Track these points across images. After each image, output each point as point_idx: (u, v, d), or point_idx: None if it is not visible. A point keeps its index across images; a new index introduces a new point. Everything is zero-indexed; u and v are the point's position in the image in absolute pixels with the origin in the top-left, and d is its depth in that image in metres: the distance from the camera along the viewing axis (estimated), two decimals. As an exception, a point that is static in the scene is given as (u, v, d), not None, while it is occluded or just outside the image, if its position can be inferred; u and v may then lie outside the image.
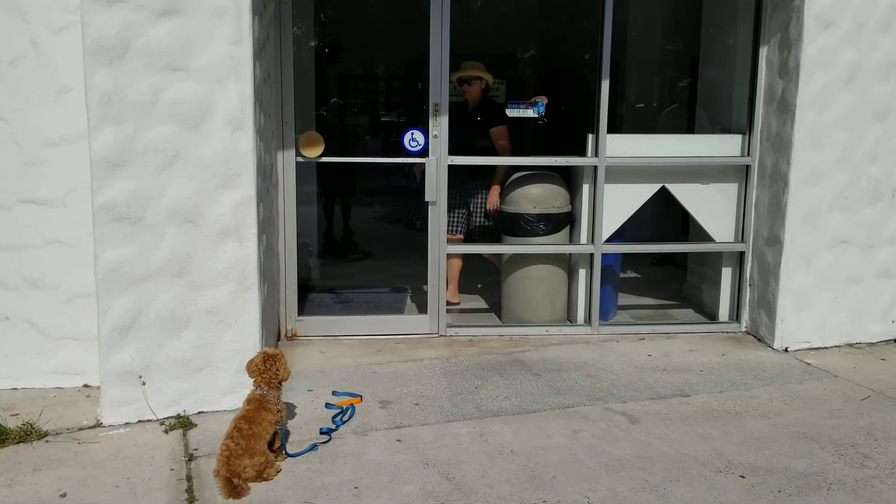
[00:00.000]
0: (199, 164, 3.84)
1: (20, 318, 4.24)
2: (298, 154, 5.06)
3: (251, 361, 3.53)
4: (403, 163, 5.32)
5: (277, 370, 3.50)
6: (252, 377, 3.50)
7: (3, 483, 3.27)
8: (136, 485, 3.27)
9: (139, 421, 3.88)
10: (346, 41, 5.81)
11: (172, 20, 3.73)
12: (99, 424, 3.86)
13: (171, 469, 3.40)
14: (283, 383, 3.56)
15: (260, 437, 3.29)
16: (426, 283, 5.28)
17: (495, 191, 5.63)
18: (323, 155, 5.08)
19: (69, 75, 4.05)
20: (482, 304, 6.13)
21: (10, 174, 4.12)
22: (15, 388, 4.25)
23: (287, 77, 4.97)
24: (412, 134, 5.07)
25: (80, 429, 3.81)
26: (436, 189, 5.07)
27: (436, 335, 5.31)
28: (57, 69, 4.07)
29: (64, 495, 3.18)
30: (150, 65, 3.72)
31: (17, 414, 3.90)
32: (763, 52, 5.23)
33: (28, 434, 3.69)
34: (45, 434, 3.72)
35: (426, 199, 5.11)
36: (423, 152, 5.08)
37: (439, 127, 5.00)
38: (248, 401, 3.41)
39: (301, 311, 5.32)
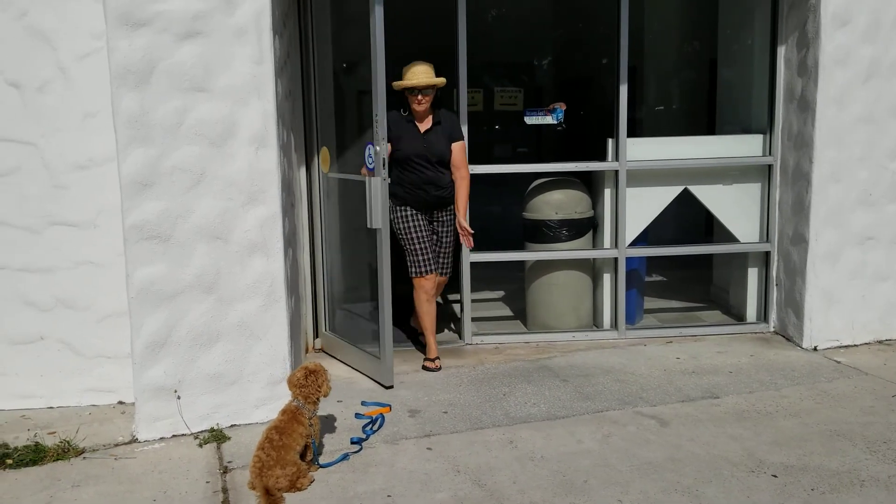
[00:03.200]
0: (225, 182, 3.91)
1: (54, 339, 4.32)
2: (320, 169, 5.12)
3: (292, 375, 3.56)
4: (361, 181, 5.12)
5: (319, 386, 3.52)
6: (291, 391, 3.53)
7: (43, 500, 3.34)
8: (174, 498, 3.32)
9: (173, 435, 3.94)
10: (365, 57, 5.88)
11: (195, 42, 3.81)
12: (134, 440, 3.92)
13: (207, 482, 3.46)
14: (321, 398, 3.57)
15: (290, 447, 3.33)
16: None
17: (465, 222, 4.88)
18: (330, 170, 5.12)
19: (95, 99, 4.14)
20: (507, 312, 6.14)
21: (40, 198, 4.21)
22: (51, 407, 4.32)
23: (308, 94, 5.04)
24: (368, 150, 4.42)
25: (117, 445, 3.88)
26: (379, 213, 4.44)
27: (462, 343, 5.34)
28: (83, 94, 4.16)
29: (103, 510, 3.24)
30: (175, 86, 3.80)
31: (55, 432, 3.97)
32: (781, 50, 5.22)
33: (66, 451, 3.76)
34: (83, 451, 3.79)
35: (369, 226, 4.60)
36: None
37: (382, 142, 4.73)
38: (283, 412, 3.46)
39: (329, 324, 5.36)
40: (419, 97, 4.64)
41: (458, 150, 4.81)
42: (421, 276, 4.84)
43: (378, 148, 4.31)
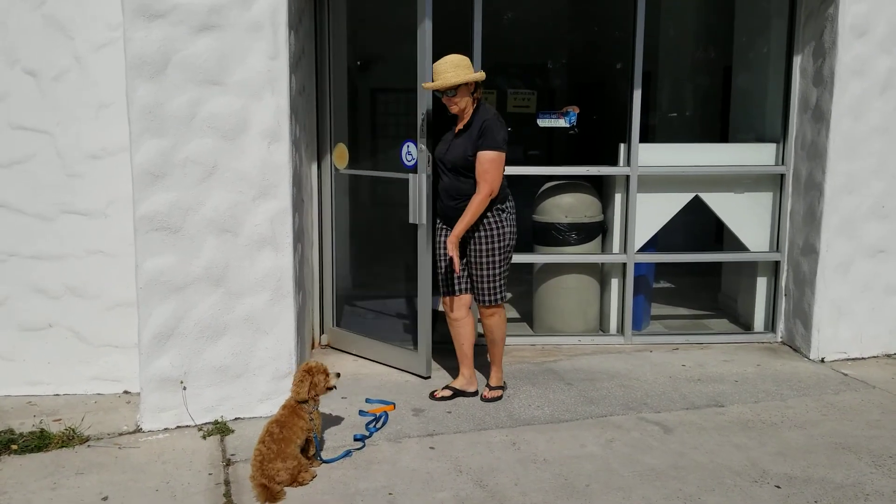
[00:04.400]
0: (237, 175, 3.92)
1: (63, 326, 4.34)
2: (333, 165, 5.12)
3: (294, 375, 3.57)
4: (396, 178, 5.01)
5: (315, 385, 3.53)
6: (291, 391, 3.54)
7: (47, 486, 3.36)
8: (176, 489, 3.33)
9: (178, 427, 3.95)
10: (380, 54, 5.84)
11: (210, 35, 3.82)
12: (139, 430, 3.94)
13: (210, 474, 3.47)
14: (319, 396, 3.58)
15: (291, 441, 3.33)
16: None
17: (455, 240, 4.14)
18: (349, 167, 5.12)
19: (110, 90, 4.17)
20: (514, 314, 6.14)
21: (53, 186, 4.24)
22: (57, 395, 4.35)
23: (322, 90, 5.05)
24: (407, 147, 4.60)
25: (121, 434, 3.90)
26: (418, 209, 4.54)
27: (468, 344, 5.33)
28: (98, 84, 4.19)
29: (106, 499, 3.25)
30: (190, 79, 3.81)
31: (60, 419, 3.99)
32: (797, 60, 5.20)
33: (70, 439, 3.78)
34: (87, 439, 3.81)
35: (410, 221, 4.69)
36: (415, 168, 4.98)
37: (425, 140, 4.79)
38: (284, 406, 3.47)
39: (336, 321, 5.37)
40: (448, 98, 4.15)
41: (483, 159, 4.07)
42: (441, 295, 4.47)
43: (422, 145, 4.41)
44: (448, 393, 4.40)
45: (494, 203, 4.17)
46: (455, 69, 4.07)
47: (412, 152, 4.51)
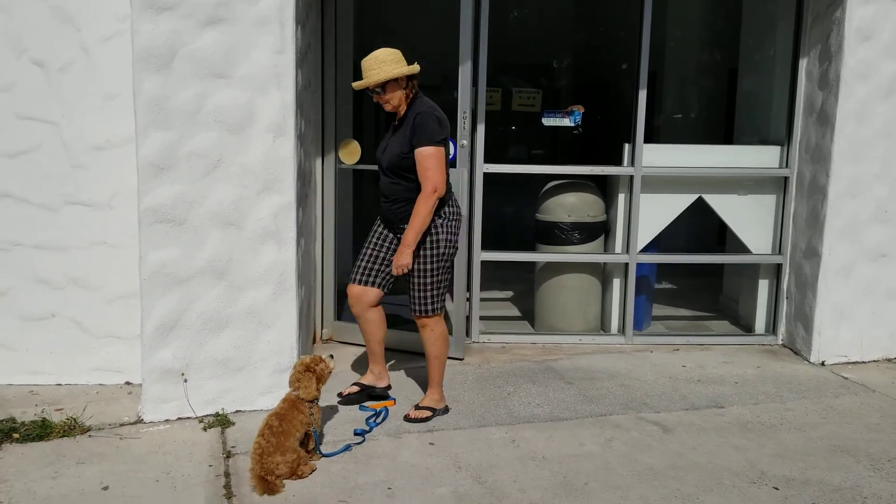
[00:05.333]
0: (242, 169, 3.93)
1: (65, 317, 4.36)
2: (338, 160, 5.13)
3: (290, 374, 3.56)
4: None
5: (320, 377, 3.55)
6: (291, 386, 3.54)
7: (48, 475, 3.37)
8: (176, 480, 3.35)
9: (179, 418, 3.97)
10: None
11: (217, 29, 3.83)
12: (140, 421, 3.96)
13: (210, 465, 3.48)
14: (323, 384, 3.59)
15: (290, 434, 3.34)
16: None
17: (407, 251, 3.84)
18: (360, 162, 5.15)
19: (116, 82, 4.18)
20: (515, 312, 6.15)
21: (58, 177, 4.26)
22: (59, 384, 4.37)
23: (328, 85, 5.06)
24: None
25: (122, 424, 3.91)
26: (466, 201, 5.03)
27: (469, 341, 5.34)
28: (105, 76, 4.20)
29: (106, 488, 3.27)
30: (196, 72, 3.82)
31: (62, 409, 4.01)
32: (803, 63, 5.20)
33: (72, 428, 3.79)
34: (88, 429, 3.83)
35: None
36: (452, 163, 5.06)
37: (469, 136, 4.97)
38: (284, 399, 3.48)
39: (338, 316, 5.39)
40: (378, 97, 3.90)
41: (419, 158, 3.80)
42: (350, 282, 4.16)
43: (464, 141, 4.62)
44: (356, 389, 4.19)
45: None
46: (381, 65, 3.80)
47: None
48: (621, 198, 5.44)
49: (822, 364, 5.05)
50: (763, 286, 5.60)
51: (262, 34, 3.89)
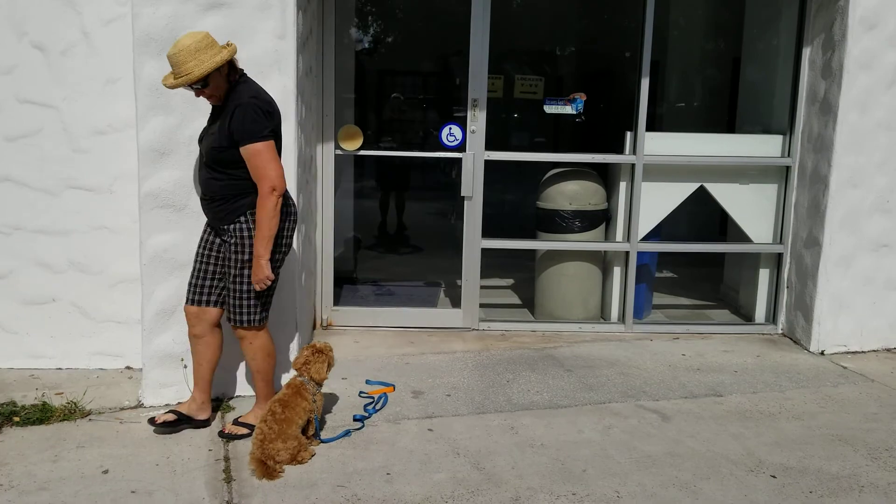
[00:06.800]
0: (242, 154, 3.92)
1: (66, 301, 4.37)
2: (337, 147, 5.13)
3: (299, 355, 3.59)
4: (441, 157, 5.36)
5: (329, 362, 3.59)
6: (297, 370, 3.55)
7: (48, 458, 3.39)
8: (176, 464, 3.36)
9: (179, 403, 3.96)
10: (387, 36, 5.83)
11: (219, 13, 3.82)
12: (140, 405, 3.97)
13: (210, 450, 3.50)
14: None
15: (292, 421, 3.35)
16: (460, 278, 5.32)
17: (263, 262, 3.36)
18: (361, 148, 5.14)
19: (117, 66, 4.16)
20: (515, 300, 6.16)
21: (58, 161, 4.25)
22: (59, 368, 4.38)
23: (328, 71, 5.04)
24: (450, 129, 5.05)
25: (122, 409, 3.93)
26: (472, 184, 5.10)
27: (469, 329, 5.35)
28: (106, 59, 4.19)
29: (106, 472, 3.28)
30: (197, 56, 3.80)
31: (62, 393, 4.02)
32: (806, 52, 5.18)
33: (72, 412, 3.80)
34: (89, 413, 3.84)
35: (462, 195, 5.15)
36: (461, 147, 5.12)
37: (477, 122, 5.04)
38: (287, 385, 3.49)
39: (336, 301, 5.39)
40: (199, 91, 3.39)
41: (247, 156, 3.32)
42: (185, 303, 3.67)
43: (474, 127, 4.91)
44: (171, 417, 3.65)
45: (251, 207, 3.41)
46: (195, 56, 3.24)
47: (455, 133, 4.88)
48: (623, 186, 5.43)
49: (822, 353, 5.05)
50: (763, 275, 5.59)
51: (263, 19, 3.87)
